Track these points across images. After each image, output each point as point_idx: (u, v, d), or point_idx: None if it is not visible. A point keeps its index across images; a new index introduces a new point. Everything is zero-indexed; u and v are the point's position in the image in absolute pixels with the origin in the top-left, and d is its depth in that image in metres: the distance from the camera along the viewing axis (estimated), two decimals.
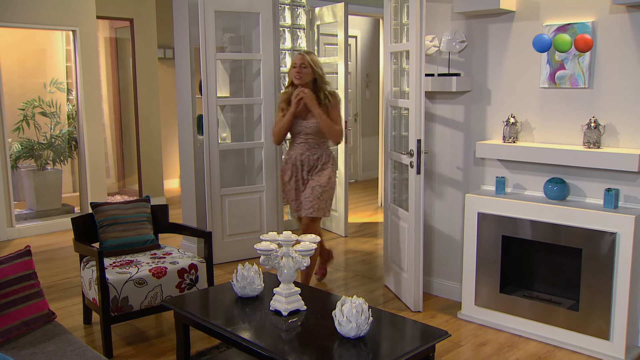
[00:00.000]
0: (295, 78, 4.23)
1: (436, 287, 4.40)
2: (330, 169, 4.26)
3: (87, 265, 3.69)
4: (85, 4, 6.42)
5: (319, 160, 4.27)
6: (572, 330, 3.48)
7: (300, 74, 4.21)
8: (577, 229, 3.41)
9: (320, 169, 4.26)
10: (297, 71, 4.22)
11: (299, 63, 4.23)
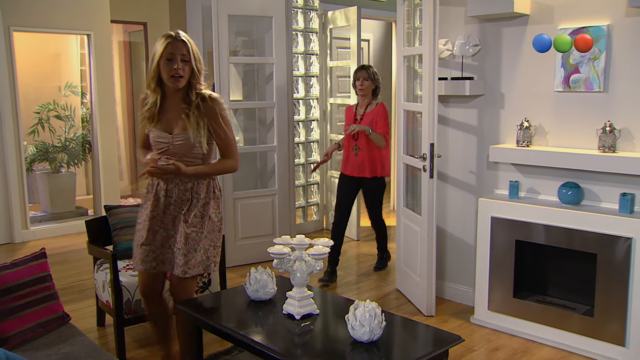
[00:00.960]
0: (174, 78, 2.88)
1: (449, 291, 4.38)
2: (212, 206, 2.99)
3: (100, 268, 3.71)
4: (100, 8, 6.47)
5: (194, 194, 2.94)
6: (587, 336, 3.45)
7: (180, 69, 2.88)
8: (592, 234, 3.38)
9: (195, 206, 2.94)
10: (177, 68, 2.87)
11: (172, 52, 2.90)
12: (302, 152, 6.41)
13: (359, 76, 4.68)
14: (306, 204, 6.55)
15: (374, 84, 4.68)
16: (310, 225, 6.54)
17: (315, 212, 6.68)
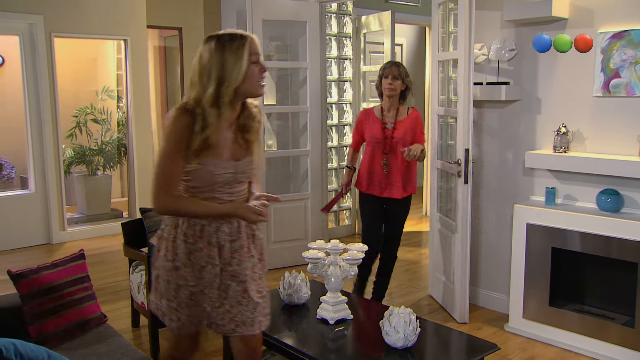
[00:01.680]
0: None
1: (482, 298, 4.33)
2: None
3: (136, 270, 3.76)
4: (136, 14, 6.59)
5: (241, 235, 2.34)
6: (627, 347, 3.36)
7: None
8: (632, 242, 3.30)
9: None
10: None
11: None
12: (334, 157, 6.41)
13: (387, 73, 3.89)
14: (338, 209, 6.54)
15: (405, 84, 3.93)
16: (342, 230, 6.54)
17: (347, 217, 6.67)
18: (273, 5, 5.00)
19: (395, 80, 3.88)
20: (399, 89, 3.91)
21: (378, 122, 3.95)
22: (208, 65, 2.16)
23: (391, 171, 3.90)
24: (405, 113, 3.95)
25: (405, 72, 3.94)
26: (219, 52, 2.16)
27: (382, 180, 3.93)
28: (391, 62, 3.97)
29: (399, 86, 3.91)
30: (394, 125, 3.92)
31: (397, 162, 3.88)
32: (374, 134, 3.94)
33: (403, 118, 3.93)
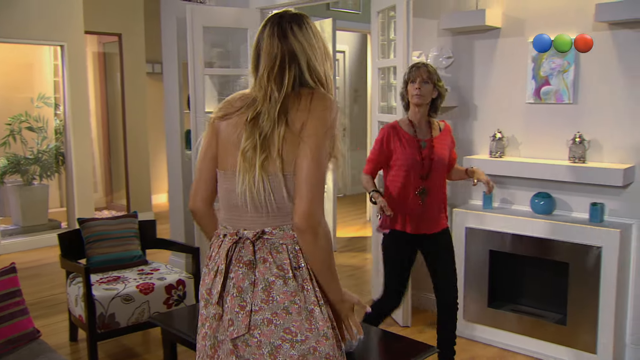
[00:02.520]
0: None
1: (426, 301, 4.40)
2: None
3: (73, 282, 3.66)
4: (73, 19, 6.42)
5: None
6: (560, 344, 3.49)
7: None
8: (564, 243, 3.43)
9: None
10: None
11: None
12: None
13: (414, 76, 3.06)
14: None
15: (436, 90, 3.10)
16: None
17: None
18: (213, 12, 4.97)
19: (424, 84, 3.06)
20: (429, 96, 3.08)
21: (412, 140, 3.09)
22: None
23: (430, 200, 3.09)
24: (439, 128, 3.18)
25: (437, 75, 3.12)
26: None
27: (419, 212, 3.08)
28: (420, 63, 3.15)
29: (429, 92, 3.07)
30: (429, 143, 3.10)
31: (433, 189, 3.10)
32: (409, 155, 3.06)
33: (439, 134, 3.15)
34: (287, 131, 1.65)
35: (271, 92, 1.68)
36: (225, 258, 1.71)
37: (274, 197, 1.66)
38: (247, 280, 1.66)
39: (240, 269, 1.68)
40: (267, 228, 1.70)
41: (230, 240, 1.73)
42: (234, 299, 1.66)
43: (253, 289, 1.66)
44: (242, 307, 1.65)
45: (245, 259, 1.68)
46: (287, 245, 1.69)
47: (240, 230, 1.73)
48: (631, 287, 3.44)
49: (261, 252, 1.68)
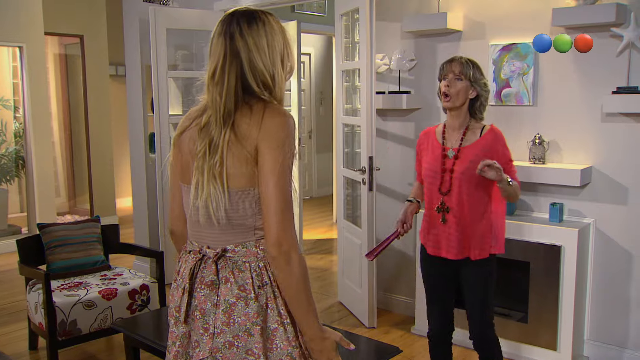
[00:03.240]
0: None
1: (391, 302, 4.43)
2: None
3: (33, 289, 3.58)
4: (32, 20, 6.29)
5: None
6: (522, 342, 3.55)
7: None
8: (525, 243, 3.49)
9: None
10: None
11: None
12: None
13: (446, 72, 2.63)
14: None
15: (475, 89, 2.62)
16: None
17: None
18: (176, 14, 4.92)
19: (457, 81, 2.59)
20: (462, 97, 2.60)
21: (438, 147, 2.70)
22: None
23: (454, 222, 2.65)
24: (478, 134, 2.64)
25: (475, 72, 2.61)
26: None
27: (443, 234, 2.69)
28: (455, 56, 2.68)
29: (462, 92, 2.59)
30: (457, 152, 2.65)
31: (459, 209, 2.63)
32: (430, 166, 2.71)
33: (473, 142, 2.63)
34: (233, 138, 1.56)
35: (215, 96, 1.61)
36: (190, 276, 1.66)
37: (230, 212, 1.59)
38: (209, 302, 1.62)
39: (202, 290, 1.63)
40: (229, 245, 1.63)
41: (194, 259, 1.67)
42: (198, 320, 1.64)
43: (215, 311, 1.61)
44: (205, 329, 1.62)
45: (207, 280, 1.63)
46: (250, 263, 1.62)
47: (203, 247, 1.66)
48: (589, 284, 3.53)
49: (224, 272, 1.62)
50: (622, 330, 3.46)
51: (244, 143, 1.56)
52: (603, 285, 3.50)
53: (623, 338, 3.46)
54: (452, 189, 2.62)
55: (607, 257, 3.47)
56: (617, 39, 3.28)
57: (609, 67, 3.35)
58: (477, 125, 2.67)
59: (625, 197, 3.39)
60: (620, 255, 3.43)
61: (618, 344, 3.48)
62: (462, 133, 2.65)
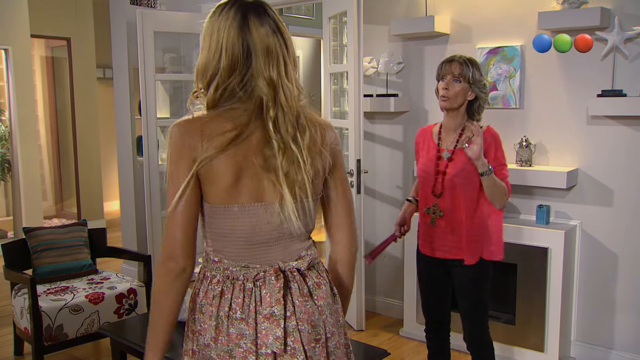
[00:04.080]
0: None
1: (380, 305, 4.44)
2: None
3: (18, 294, 3.55)
4: (18, 22, 6.24)
5: None
6: (509, 344, 3.56)
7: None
8: (512, 245, 3.51)
9: None
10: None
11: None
12: None
13: (444, 72, 2.58)
14: None
15: (473, 91, 2.57)
16: None
17: None
18: (164, 17, 4.91)
19: (456, 83, 2.55)
20: (460, 98, 2.56)
21: (434, 148, 2.68)
22: None
23: (444, 223, 2.63)
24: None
25: (475, 72, 2.56)
26: None
27: (434, 232, 2.68)
28: (454, 55, 2.61)
29: (461, 93, 2.55)
30: (452, 154, 2.63)
31: (456, 211, 2.61)
32: (423, 166, 2.69)
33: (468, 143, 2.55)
34: (310, 141, 1.49)
35: (284, 89, 1.45)
36: (281, 299, 1.47)
37: (310, 220, 1.56)
38: (316, 312, 1.53)
39: (307, 302, 1.51)
40: (302, 252, 1.56)
41: (277, 278, 1.49)
42: (309, 335, 1.50)
43: (322, 318, 1.54)
44: (317, 340, 1.52)
45: (305, 291, 1.53)
46: (320, 261, 1.62)
47: (279, 264, 1.51)
48: (576, 286, 3.55)
49: (311, 279, 1.55)
50: (608, 331, 3.49)
51: (317, 152, 1.52)
52: (589, 286, 3.53)
53: (609, 339, 3.49)
54: (445, 191, 2.60)
55: (594, 259, 3.50)
56: (601, 42, 3.31)
57: (594, 70, 3.38)
58: (475, 126, 2.58)
59: (611, 199, 3.42)
60: (607, 257, 3.45)
61: (604, 344, 3.51)
62: (458, 134, 2.62)
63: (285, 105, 1.45)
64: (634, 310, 3.40)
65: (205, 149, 1.41)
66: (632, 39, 3.24)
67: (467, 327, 2.75)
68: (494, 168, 2.52)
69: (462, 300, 2.73)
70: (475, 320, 2.74)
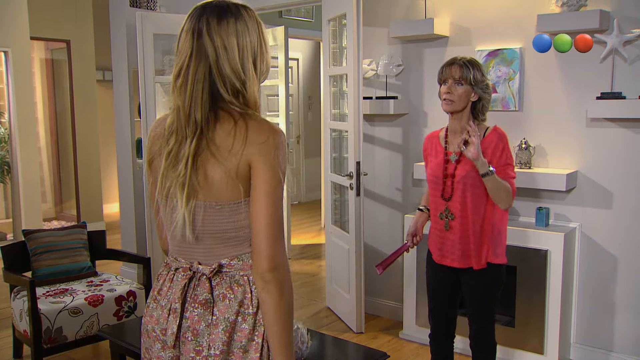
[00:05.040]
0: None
1: (379, 307, 4.44)
2: None
3: (18, 296, 3.55)
4: (18, 24, 6.25)
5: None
6: (509, 346, 3.56)
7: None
8: (512, 247, 3.50)
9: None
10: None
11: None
12: None
13: (445, 76, 2.60)
14: None
15: (476, 92, 2.58)
16: None
17: None
18: (164, 19, 4.91)
19: (457, 86, 2.56)
20: (463, 101, 2.57)
21: (441, 152, 2.69)
22: None
23: (457, 228, 2.61)
24: (482, 136, 2.60)
25: (476, 74, 2.56)
26: None
27: (447, 240, 2.66)
28: (454, 58, 2.62)
29: (465, 95, 2.56)
30: (459, 156, 2.62)
31: (467, 214, 2.59)
32: (432, 170, 2.70)
33: None
34: (205, 150, 1.45)
35: (178, 100, 1.47)
36: (181, 297, 1.52)
37: (218, 226, 1.49)
38: (203, 322, 1.50)
39: (196, 309, 1.50)
40: (223, 260, 1.51)
41: (184, 277, 1.53)
42: (190, 343, 1.51)
43: (210, 332, 1.49)
44: (197, 352, 1.50)
45: (201, 298, 1.50)
46: (248, 276, 1.51)
47: (194, 264, 1.53)
48: (575, 288, 3.55)
49: (219, 289, 1.51)
50: (608, 333, 3.49)
51: (223, 155, 1.44)
52: (589, 289, 3.53)
53: (609, 341, 3.49)
54: (454, 194, 2.58)
55: (593, 261, 3.50)
56: (600, 45, 3.31)
57: (593, 72, 3.39)
58: (480, 127, 2.63)
59: (610, 201, 3.42)
60: (606, 259, 3.46)
61: (604, 347, 3.50)
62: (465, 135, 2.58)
63: (181, 105, 1.47)
64: (633, 312, 3.40)
65: (149, 148, 1.59)
66: (631, 42, 3.24)
67: (474, 328, 2.75)
68: (499, 168, 2.52)
69: (471, 302, 2.72)
70: (482, 322, 2.73)
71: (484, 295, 2.68)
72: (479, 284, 2.65)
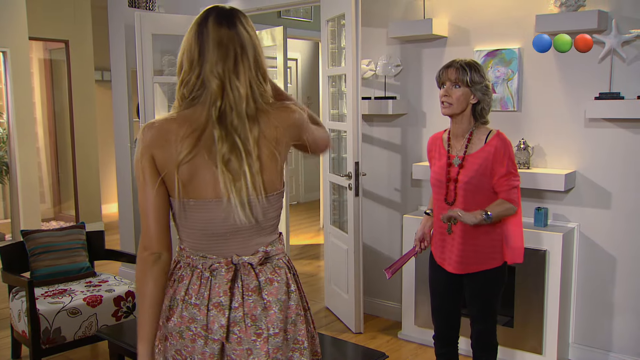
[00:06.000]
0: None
1: (378, 307, 4.44)
2: None
3: (16, 296, 3.54)
4: (16, 25, 6.24)
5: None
6: (508, 346, 3.56)
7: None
8: None
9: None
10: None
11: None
12: None
13: (443, 79, 2.58)
14: None
15: (475, 95, 2.55)
16: None
17: None
18: (162, 19, 4.91)
19: (455, 88, 2.53)
20: (462, 103, 2.54)
21: (444, 155, 2.66)
22: None
23: (458, 235, 2.61)
24: (484, 140, 2.57)
25: (474, 76, 2.52)
26: None
27: (446, 244, 2.68)
28: (452, 61, 2.59)
29: (463, 98, 2.53)
30: (462, 160, 2.59)
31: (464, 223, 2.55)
32: (435, 174, 2.68)
33: (478, 149, 2.56)
34: (260, 135, 1.54)
35: (231, 82, 1.51)
36: (229, 290, 1.56)
37: (266, 214, 1.59)
38: (259, 307, 1.58)
39: (250, 297, 1.58)
40: (261, 248, 1.61)
41: (228, 270, 1.57)
42: (249, 328, 1.57)
43: (267, 314, 1.58)
44: (258, 334, 1.57)
45: (252, 286, 1.58)
46: (282, 258, 1.66)
47: (233, 257, 1.59)
48: (574, 288, 3.56)
49: (264, 274, 1.60)
50: (606, 333, 3.49)
51: (270, 138, 1.55)
52: (588, 289, 3.53)
53: (607, 341, 3.49)
54: (457, 199, 2.56)
55: (592, 261, 3.50)
56: (599, 45, 3.31)
57: (591, 73, 3.39)
58: (483, 130, 2.60)
59: (609, 201, 3.42)
60: (605, 259, 3.46)
61: (602, 347, 3.51)
62: (467, 140, 2.58)
63: (232, 98, 1.51)
64: (632, 313, 3.41)
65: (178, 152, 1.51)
66: (630, 42, 3.25)
67: (476, 328, 2.76)
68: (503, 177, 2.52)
69: (473, 303, 2.73)
70: (484, 322, 2.74)
71: (486, 296, 2.69)
72: (480, 284, 2.66)
